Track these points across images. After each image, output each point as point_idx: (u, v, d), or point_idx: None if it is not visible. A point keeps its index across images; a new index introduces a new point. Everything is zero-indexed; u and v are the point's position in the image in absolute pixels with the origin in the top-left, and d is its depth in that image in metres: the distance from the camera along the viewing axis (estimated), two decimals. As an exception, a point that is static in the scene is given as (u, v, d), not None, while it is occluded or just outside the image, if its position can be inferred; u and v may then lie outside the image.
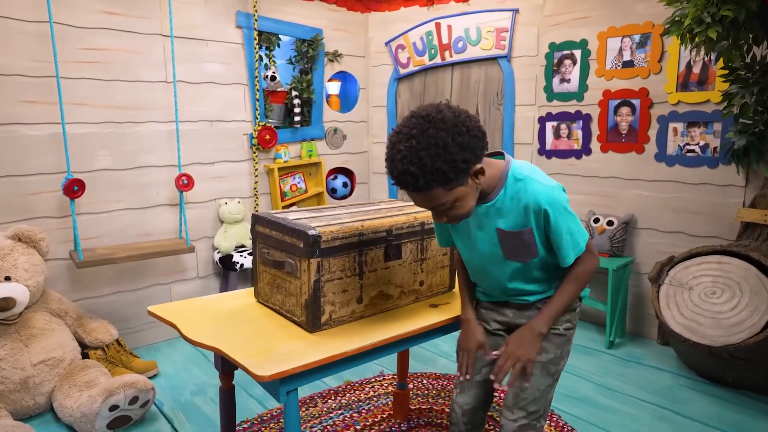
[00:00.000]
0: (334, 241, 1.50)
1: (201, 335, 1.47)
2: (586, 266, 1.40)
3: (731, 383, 2.59)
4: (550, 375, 1.45)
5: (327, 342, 1.44)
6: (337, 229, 1.51)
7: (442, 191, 1.20)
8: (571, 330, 1.50)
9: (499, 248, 1.41)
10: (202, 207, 3.29)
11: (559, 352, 1.47)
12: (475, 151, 1.21)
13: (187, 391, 2.61)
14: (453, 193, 1.22)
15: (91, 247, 2.82)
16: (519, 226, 1.36)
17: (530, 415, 1.42)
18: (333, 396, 2.54)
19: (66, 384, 2.35)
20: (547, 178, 1.35)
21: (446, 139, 1.16)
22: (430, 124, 1.17)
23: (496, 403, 2.40)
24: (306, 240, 1.46)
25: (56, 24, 2.60)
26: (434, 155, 1.15)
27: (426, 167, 1.15)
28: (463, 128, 1.18)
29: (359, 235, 1.56)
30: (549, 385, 1.45)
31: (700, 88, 2.90)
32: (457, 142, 1.17)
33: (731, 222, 2.84)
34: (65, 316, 2.62)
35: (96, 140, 2.83)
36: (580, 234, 1.36)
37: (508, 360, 1.39)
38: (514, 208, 1.34)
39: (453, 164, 1.17)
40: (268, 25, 3.44)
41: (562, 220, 1.32)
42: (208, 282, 3.37)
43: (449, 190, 1.21)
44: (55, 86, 2.59)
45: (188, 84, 3.14)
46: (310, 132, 3.77)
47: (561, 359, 1.48)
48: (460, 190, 1.23)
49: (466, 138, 1.18)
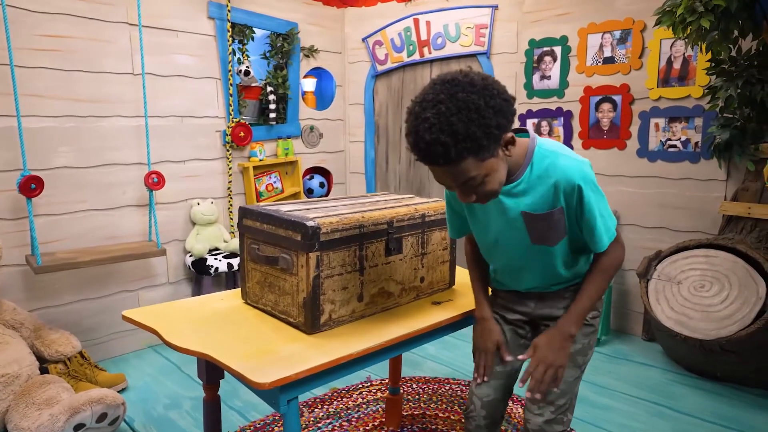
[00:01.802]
0: (334, 233, 1.38)
1: (186, 340, 1.32)
2: (614, 257, 1.30)
3: (720, 377, 2.58)
4: (578, 366, 1.37)
5: (328, 344, 1.31)
6: (337, 221, 1.39)
7: (473, 162, 1.08)
8: (597, 318, 1.42)
9: (525, 234, 1.29)
10: (172, 208, 3.09)
11: (586, 342, 1.38)
12: (507, 115, 1.09)
13: (159, 405, 2.41)
14: (484, 164, 1.10)
15: (50, 251, 2.59)
16: (548, 206, 1.23)
17: (558, 409, 1.33)
18: (320, 404, 2.40)
19: (22, 403, 2.11)
20: (575, 154, 1.25)
21: (478, 102, 1.04)
22: (458, 88, 1.05)
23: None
24: (304, 232, 1.32)
25: (9, 7, 2.37)
26: (467, 120, 1.03)
27: (458, 134, 1.03)
28: (494, 91, 1.08)
29: (360, 227, 1.44)
30: (576, 377, 1.37)
31: (680, 84, 2.91)
32: (489, 105, 1.05)
33: (714, 216, 2.86)
34: (21, 328, 2.38)
35: (55, 135, 2.60)
36: (610, 218, 1.27)
37: (539, 366, 1.29)
38: (541, 187, 1.22)
39: (487, 129, 1.05)
40: (242, 16, 3.29)
41: (594, 199, 1.21)
42: (179, 288, 3.17)
43: (481, 161, 1.09)
44: (8, 75, 2.36)
45: (157, 77, 2.94)
46: (285, 129, 3.62)
47: (589, 349, 1.39)
48: (492, 162, 1.12)
49: (498, 101, 1.07)
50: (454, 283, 1.81)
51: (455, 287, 1.80)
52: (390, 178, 4.05)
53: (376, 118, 4.01)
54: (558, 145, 1.26)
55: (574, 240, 1.31)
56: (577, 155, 1.24)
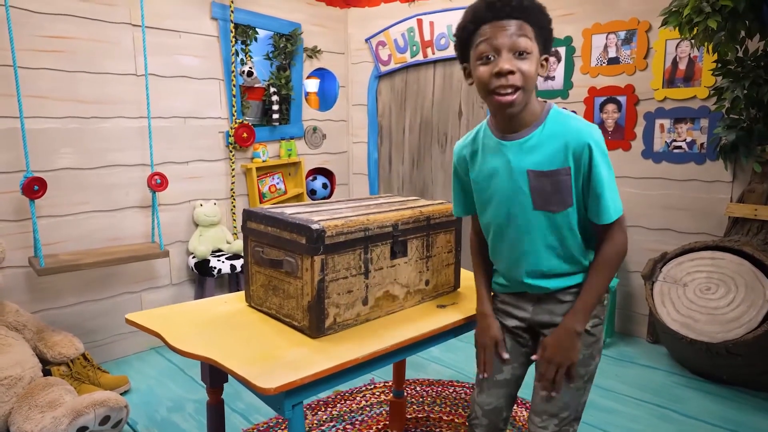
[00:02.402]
0: (339, 236, 1.36)
1: (190, 344, 1.31)
2: (617, 246, 1.22)
3: (726, 380, 2.56)
4: (580, 377, 1.32)
5: (334, 348, 1.30)
6: (341, 224, 1.38)
7: (530, 31, 1.15)
8: (599, 326, 1.36)
9: (529, 198, 1.23)
10: (175, 209, 3.08)
11: (588, 353, 1.33)
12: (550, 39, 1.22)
13: (163, 408, 2.40)
14: (533, 44, 1.16)
15: (53, 252, 2.58)
16: (555, 165, 1.19)
17: (561, 422, 1.30)
18: (323, 407, 2.38)
19: (25, 405, 2.11)
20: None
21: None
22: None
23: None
24: (309, 235, 1.31)
25: (13, 8, 2.37)
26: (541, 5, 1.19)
27: (534, 3, 1.17)
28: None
29: (365, 230, 1.43)
30: (578, 389, 1.33)
31: (686, 85, 2.89)
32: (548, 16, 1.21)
33: (719, 218, 2.84)
34: (24, 330, 2.38)
35: (58, 136, 2.59)
36: (617, 193, 1.20)
37: (550, 366, 1.27)
38: (551, 145, 1.19)
39: (547, 23, 1.20)
40: (245, 17, 3.28)
41: (603, 165, 1.17)
42: (182, 289, 3.16)
43: (533, 39, 1.16)
44: (12, 76, 2.36)
45: (160, 78, 2.93)
46: (288, 130, 3.61)
47: (591, 359, 1.34)
48: (536, 51, 1.17)
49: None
50: (459, 286, 1.79)
51: (460, 290, 1.79)
52: (393, 179, 4.04)
53: (380, 119, 4.00)
54: (573, 114, 1.26)
55: (578, 218, 1.24)
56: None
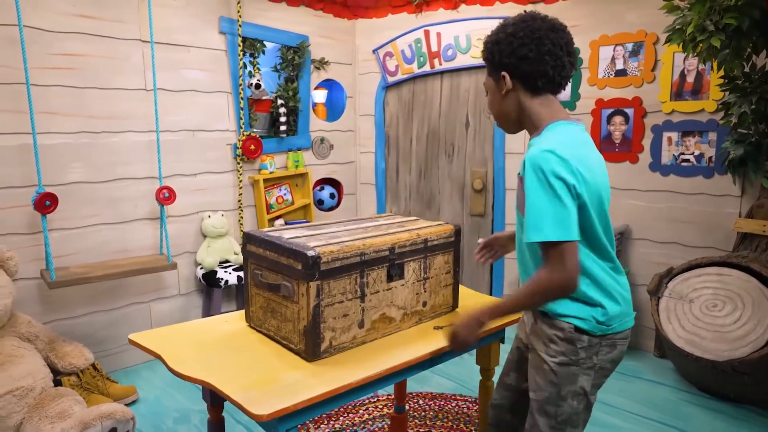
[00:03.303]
0: (335, 261, 1.39)
1: (189, 367, 1.34)
2: (548, 276, 1.19)
3: (733, 398, 2.53)
4: (550, 416, 1.30)
5: (328, 372, 1.32)
6: (337, 249, 1.40)
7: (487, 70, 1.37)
8: (569, 367, 1.27)
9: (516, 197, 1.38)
10: (183, 221, 3.13)
11: (554, 392, 1.29)
12: (518, 57, 1.27)
13: (169, 419, 2.44)
14: (488, 78, 1.37)
15: (64, 265, 2.64)
16: (521, 171, 1.28)
17: None
18: (326, 420, 2.41)
19: (36, 416, 2.16)
20: (566, 144, 1.21)
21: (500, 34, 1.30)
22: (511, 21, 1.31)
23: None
24: (305, 261, 1.34)
25: (26, 27, 2.43)
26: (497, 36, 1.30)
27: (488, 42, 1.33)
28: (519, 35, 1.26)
29: (361, 255, 1.45)
30: (553, 427, 1.30)
31: (694, 97, 2.87)
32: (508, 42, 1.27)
33: (727, 232, 2.81)
34: (36, 341, 2.43)
35: (69, 151, 2.66)
36: (553, 222, 1.15)
37: (448, 327, 1.40)
38: None
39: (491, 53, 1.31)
40: (253, 31, 3.32)
41: (533, 189, 1.18)
42: (190, 299, 3.21)
43: (488, 74, 1.37)
44: (24, 94, 2.42)
45: (169, 92, 2.99)
46: (296, 142, 3.65)
47: (561, 400, 1.28)
48: (491, 82, 1.36)
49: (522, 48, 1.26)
50: (458, 306, 1.80)
51: (458, 310, 1.80)
52: (400, 189, 4.05)
53: (387, 129, 4.02)
54: (563, 133, 1.26)
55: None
56: (563, 145, 1.20)
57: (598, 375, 1.31)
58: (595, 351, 1.28)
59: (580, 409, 1.30)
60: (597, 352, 1.28)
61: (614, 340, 1.30)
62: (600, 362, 1.30)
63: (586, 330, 1.27)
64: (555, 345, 1.29)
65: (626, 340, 1.34)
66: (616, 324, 1.29)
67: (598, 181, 1.25)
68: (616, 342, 1.31)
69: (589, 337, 1.27)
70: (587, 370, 1.29)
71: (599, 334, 1.28)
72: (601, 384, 1.35)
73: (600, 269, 1.28)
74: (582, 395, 1.29)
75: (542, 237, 1.17)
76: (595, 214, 1.24)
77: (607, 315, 1.27)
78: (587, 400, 1.31)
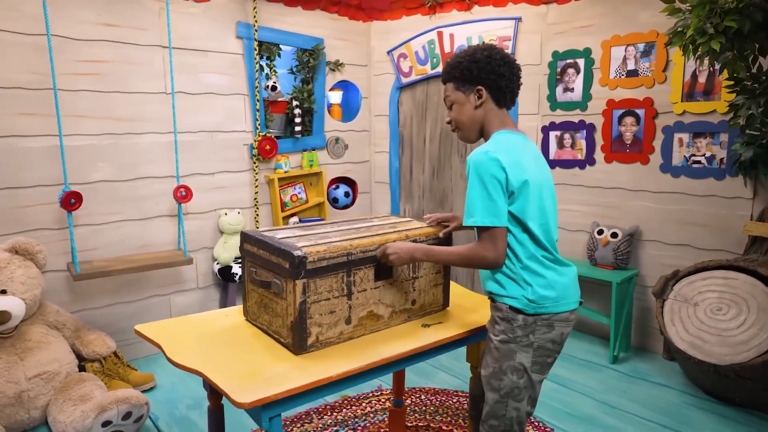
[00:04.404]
0: (321, 261, 1.47)
1: (185, 357, 1.45)
2: (479, 251, 1.42)
3: (739, 402, 2.51)
4: (495, 390, 1.48)
5: (312, 366, 1.41)
6: (324, 249, 1.48)
7: (452, 86, 1.53)
8: (507, 344, 1.45)
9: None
10: (202, 218, 3.28)
11: (497, 367, 1.47)
12: (489, 76, 1.46)
13: (183, 405, 2.59)
14: (456, 93, 1.51)
15: (89, 258, 2.82)
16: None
17: (491, 428, 1.50)
18: (329, 411, 2.51)
19: (61, 398, 2.34)
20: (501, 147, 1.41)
21: (478, 56, 1.47)
22: (477, 48, 1.50)
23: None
24: (291, 261, 1.42)
25: (54, 36, 2.60)
26: (462, 59, 1.49)
27: (451, 65, 1.52)
28: (495, 61, 1.46)
29: (347, 255, 1.53)
30: (497, 401, 1.48)
31: (706, 98, 2.83)
32: (479, 61, 1.45)
33: (738, 235, 2.77)
34: (63, 329, 2.61)
35: (94, 152, 2.83)
36: (483, 210, 1.39)
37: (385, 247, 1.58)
38: None
39: (467, 71, 1.47)
40: (269, 35, 3.43)
41: (470, 183, 1.41)
42: (208, 293, 3.36)
43: (455, 89, 1.52)
44: (52, 98, 2.59)
45: (188, 95, 3.13)
46: (311, 142, 3.75)
47: (503, 374, 1.46)
48: (461, 96, 1.51)
49: (490, 65, 1.45)
50: (449, 305, 1.86)
51: (449, 309, 1.86)
52: (414, 188, 4.11)
53: (401, 129, 4.08)
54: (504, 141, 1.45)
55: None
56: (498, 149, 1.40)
57: (538, 353, 1.46)
58: (531, 330, 1.44)
59: (521, 384, 1.46)
60: (533, 331, 1.44)
61: (552, 321, 1.45)
62: (538, 341, 1.45)
63: (520, 309, 1.44)
64: (498, 325, 1.48)
65: (566, 323, 1.48)
66: (549, 305, 1.44)
67: (533, 179, 1.44)
68: (554, 323, 1.45)
69: (524, 316, 1.44)
70: (525, 347, 1.45)
71: (532, 313, 1.43)
72: (547, 363, 1.49)
73: (531, 254, 1.44)
74: (521, 371, 1.46)
75: (474, 222, 1.41)
76: (529, 207, 1.42)
77: (536, 294, 1.43)
78: (528, 376, 1.46)
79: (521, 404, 1.47)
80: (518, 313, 1.44)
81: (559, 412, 2.50)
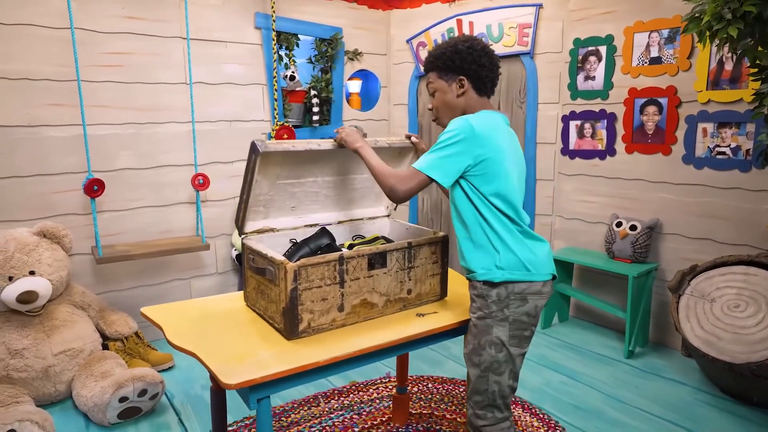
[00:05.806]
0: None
1: (183, 339, 1.52)
2: (397, 179, 1.50)
3: (756, 402, 2.43)
4: (475, 366, 1.55)
5: (302, 350, 1.45)
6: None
7: (434, 75, 1.60)
8: (484, 320, 1.52)
9: None
10: (221, 205, 3.38)
11: (476, 342, 1.54)
12: (470, 66, 1.53)
13: (198, 385, 2.70)
14: (439, 82, 1.58)
15: (112, 243, 2.95)
16: None
17: (476, 404, 1.56)
18: (336, 396, 2.56)
19: (84, 374, 2.47)
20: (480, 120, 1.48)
21: (459, 47, 1.53)
22: (459, 39, 1.56)
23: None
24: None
25: (78, 30, 2.71)
26: (445, 49, 1.56)
27: (434, 54, 1.59)
28: (476, 52, 1.53)
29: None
30: (478, 376, 1.54)
31: (732, 87, 2.71)
32: (460, 51, 1.52)
33: (763, 230, 2.66)
34: (88, 309, 2.75)
35: (117, 141, 2.94)
36: (429, 162, 1.47)
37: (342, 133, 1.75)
38: None
39: (450, 61, 1.54)
40: (287, 25, 3.47)
41: (440, 137, 1.49)
42: (227, 278, 3.47)
43: (438, 77, 1.58)
44: (76, 89, 2.71)
45: (207, 85, 3.21)
46: (329, 131, 3.79)
47: (482, 349, 1.52)
48: (443, 84, 1.58)
49: (471, 55, 1.52)
50: (446, 295, 1.88)
51: (447, 299, 1.87)
52: (432, 177, 4.10)
53: (420, 118, 4.07)
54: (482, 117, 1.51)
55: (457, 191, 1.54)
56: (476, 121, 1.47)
57: (514, 327, 1.51)
58: (506, 304, 1.50)
59: (500, 358, 1.52)
60: (507, 306, 1.50)
61: (524, 294, 1.50)
62: (513, 314, 1.50)
63: (490, 280, 1.50)
64: (474, 303, 1.56)
65: (539, 295, 1.52)
66: (518, 274, 1.49)
67: (507, 156, 1.50)
68: (527, 296, 1.50)
69: (497, 290, 1.50)
70: (501, 321, 1.51)
71: (502, 281, 1.49)
72: (524, 337, 1.54)
73: (502, 225, 1.50)
74: (500, 344, 1.51)
75: (417, 164, 1.50)
76: (501, 181, 1.48)
77: (502, 261, 1.49)
78: (507, 350, 1.51)
79: (502, 378, 1.53)
80: (492, 287, 1.50)
81: (565, 405, 2.48)
